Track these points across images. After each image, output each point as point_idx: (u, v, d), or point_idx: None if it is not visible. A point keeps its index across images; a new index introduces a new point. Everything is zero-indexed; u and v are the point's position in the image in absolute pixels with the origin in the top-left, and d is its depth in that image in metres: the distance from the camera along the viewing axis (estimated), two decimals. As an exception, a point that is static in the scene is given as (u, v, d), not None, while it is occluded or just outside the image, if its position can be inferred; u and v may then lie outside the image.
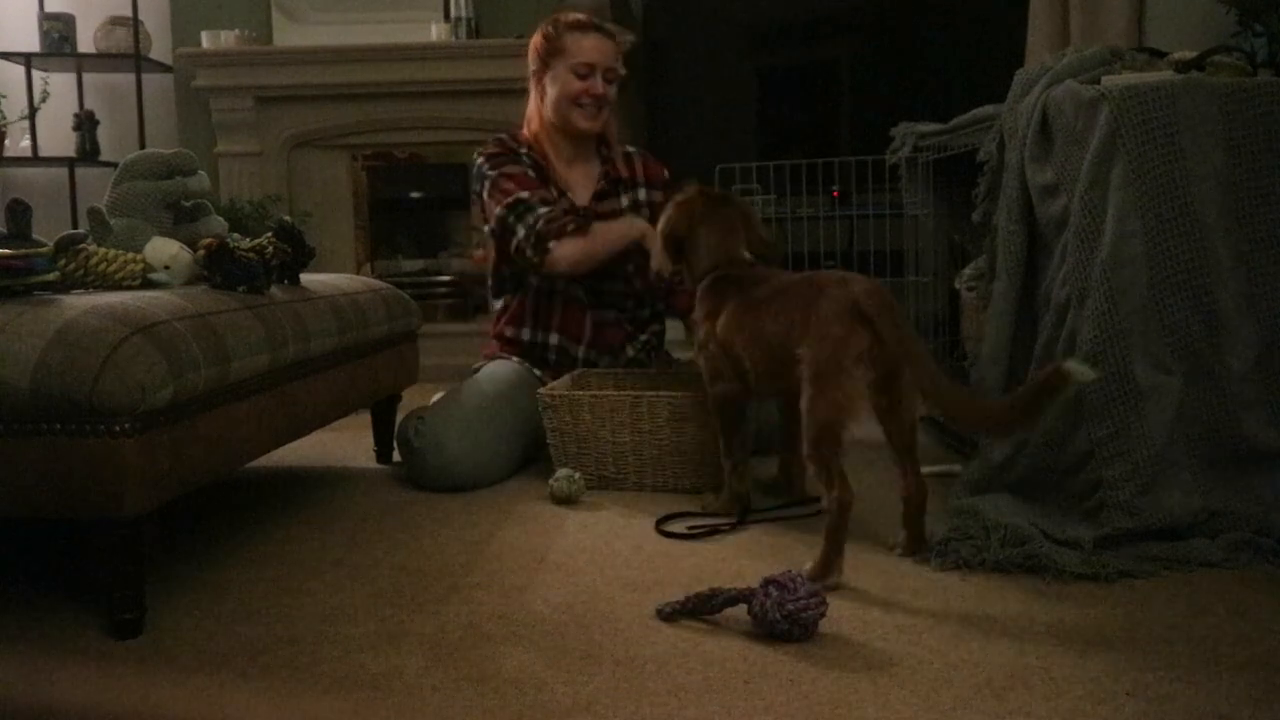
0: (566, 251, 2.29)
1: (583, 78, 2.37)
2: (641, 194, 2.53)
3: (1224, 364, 1.69)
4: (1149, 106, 1.68)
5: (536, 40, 2.44)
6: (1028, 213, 1.88)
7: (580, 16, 2.42)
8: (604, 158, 2.51)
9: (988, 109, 2.17)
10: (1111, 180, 1.69)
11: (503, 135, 2.47)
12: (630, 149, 2.58)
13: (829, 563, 1.54)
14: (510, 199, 2.33)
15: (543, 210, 2.30)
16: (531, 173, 2.39)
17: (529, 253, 2.29)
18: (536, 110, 2.47)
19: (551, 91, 2.41)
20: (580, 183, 2.47)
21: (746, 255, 1.96)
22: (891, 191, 2.93)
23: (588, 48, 2.37)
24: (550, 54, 2.41)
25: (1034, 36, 3.14)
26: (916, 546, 1.67)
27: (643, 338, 2.55)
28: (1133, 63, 1.94)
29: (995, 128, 2.03)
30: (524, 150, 2.43)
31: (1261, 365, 1.70)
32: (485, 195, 2.39)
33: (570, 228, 2.29)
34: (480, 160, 2.42)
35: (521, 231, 2.30)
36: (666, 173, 2.60)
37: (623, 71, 2.46)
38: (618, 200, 2.48)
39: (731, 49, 4.59)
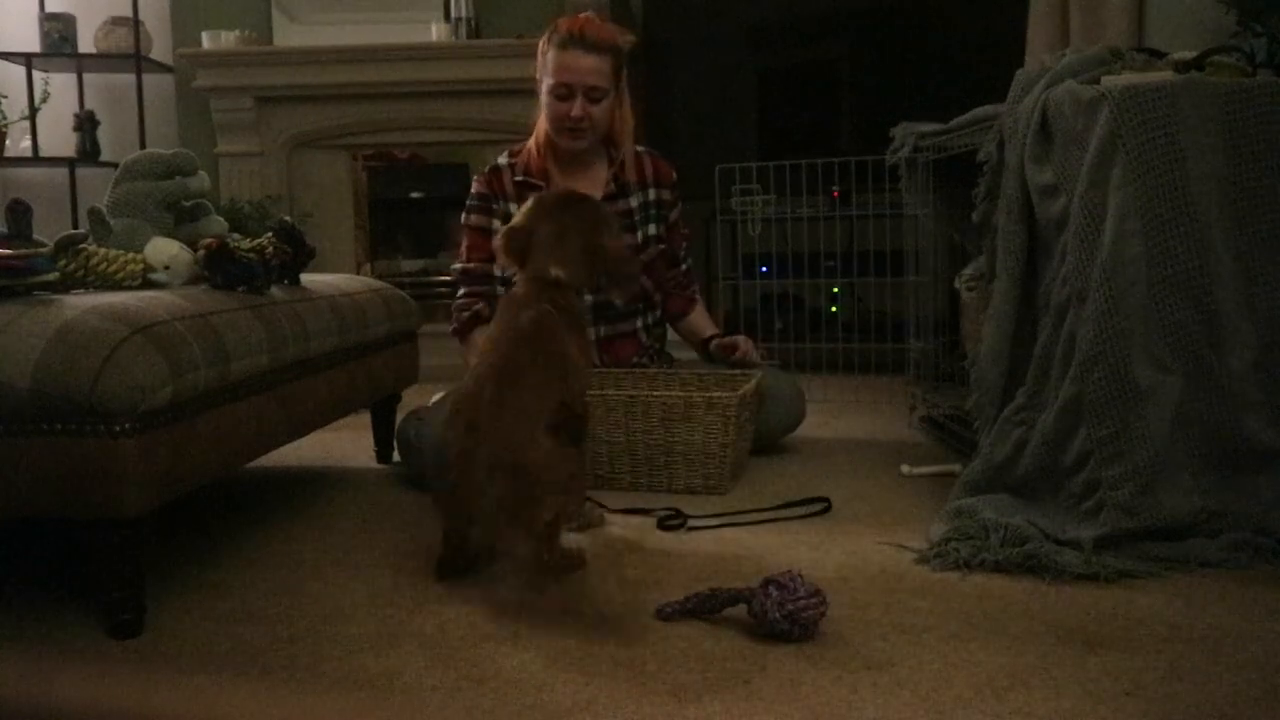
0: (464, 347, 2.45)
1: (562, 99, 2.28)
2: (651, 194, 2.49)
3: (1224, 364, 1.69)
4: (1149, 107, 1.68)
5: (538, 52, 2.38)
6: (1028, 213, 1.87)
7: (574, 28, 2.29)
8: (612, 159, 2.45)
9: (988, 109, 2.17)
10: (1111, 180, 1.69)
11: (501, 162, 2.45)
12: (641, 149, 2.51)
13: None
14: (457, 266, 2.47)
15: (460, 291, 2.44)
16: (497, 223, 2.36)
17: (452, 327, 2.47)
18: (543, 118, 2.40)
19: (542, 109, 2.37)
20: (585, 189, 2.42)
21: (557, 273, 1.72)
22: (892, 191, 2.93)
23: (567, 67, 2.26)
24: (542, 68, 2.34)
25: (1034, 36, 3.15)
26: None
27: (655, 345, 2.56)
28: (1133, 63, 1.94)
29: (995, 128, 2.02)
30: (520, 177, 2.39)
31: (1261, 365, 1.70)
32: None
33: (467, 322, 2.42)
34: (471, 188, 2.46)
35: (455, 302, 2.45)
36: (675, 174, 2.57)
37: (606, 86, 2.31)
38: (627, 202, 2.45)
39: (731, 49, 4.59)
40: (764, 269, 3.77)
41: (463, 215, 2.46)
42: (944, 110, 2.51)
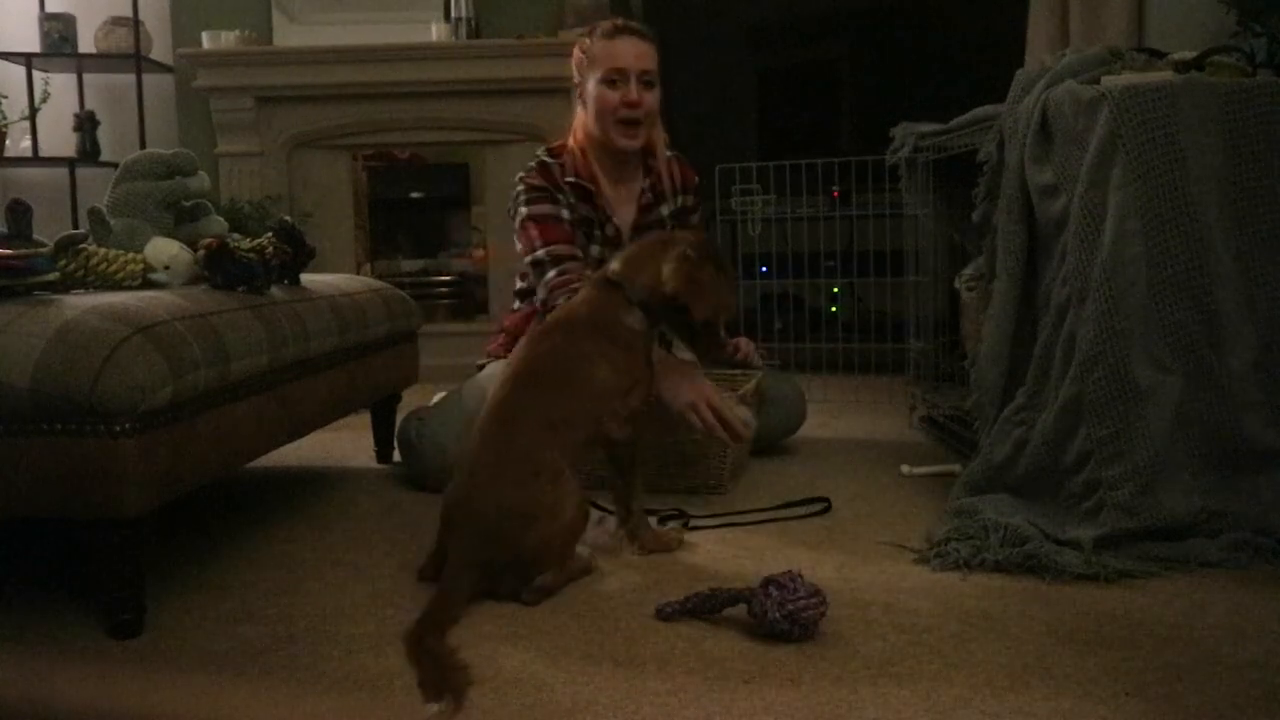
0: None
1: (614, 85, 2.26)
2: (679, 201, 2.49)
3: (1224, 364, 1.69)
4: (1149, 106, 1.68)
5: (575, 53, 2.36)
6: (1028, 213, 1.87)
7: (617, 22, 2.32)
8: (649, 168, 2.42)
9: (988, 109, 2.17)
10: (1111, 180, 1.69)
11: (547, 159, 2.34)
12: (669, 153, 2.48)
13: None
14: (530, 256, 2.26)
15: (551, 274, 2.22)
16: (565, 213, 2.28)
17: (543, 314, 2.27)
18: (582, 123, 2.36)
19: (590, 106, 2.31)
20: (625, 199, 2.39)
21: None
22: (892, 191, 2.93)
23: (617, 52, 2.26)
24: (585, 66, 2.32)
25: (1034, 36, 3.15)
26: None
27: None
28: (1133, 63, 1.94)
29: (995, 128, 2.02)
30: (570, 177, 2.31)
31: (1261, 365, 1.70)
32: (516, 225, 2.32)
33: (563, 300, 2.20)
34: (520, 186, 2.32)
35: (541, 293, 2.25)
36: (697, 179, 2.56)
37: (656, 71, 2.30)
38: (659, 211, 2.44)
39: (731, 49, 4.59)
40: (764, 269, 3.76)
41: (521, 210, 2.30)
42: (944, 110, 2.51)
